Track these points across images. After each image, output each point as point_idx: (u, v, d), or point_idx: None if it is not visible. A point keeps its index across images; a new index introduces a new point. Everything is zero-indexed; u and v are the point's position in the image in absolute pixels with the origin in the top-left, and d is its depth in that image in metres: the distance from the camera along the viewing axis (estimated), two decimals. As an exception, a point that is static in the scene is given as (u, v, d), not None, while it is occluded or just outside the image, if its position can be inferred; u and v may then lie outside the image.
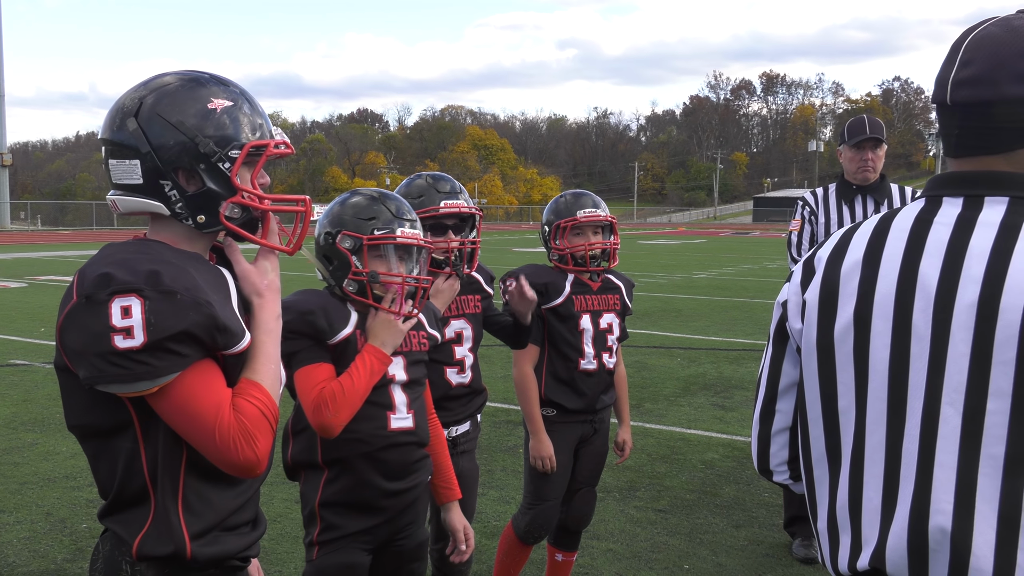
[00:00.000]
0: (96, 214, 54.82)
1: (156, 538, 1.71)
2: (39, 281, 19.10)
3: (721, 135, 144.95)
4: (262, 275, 1.82)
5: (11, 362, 9.73)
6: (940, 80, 1.51)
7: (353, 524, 2.63)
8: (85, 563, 4.48)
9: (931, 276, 1.44)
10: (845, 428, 1.52)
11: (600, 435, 3.78)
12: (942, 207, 1.50)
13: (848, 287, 1.51)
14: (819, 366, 1.55)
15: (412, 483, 2.71)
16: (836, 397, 1.53)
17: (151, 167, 1.72)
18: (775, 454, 1.70)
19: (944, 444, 1.40)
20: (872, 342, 1.47)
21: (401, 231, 2.61)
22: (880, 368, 1.47)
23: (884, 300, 1.47)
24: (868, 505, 1.49)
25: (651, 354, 10.39)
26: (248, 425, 1.66)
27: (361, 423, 2.55)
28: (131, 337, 1.58)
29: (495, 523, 5.04)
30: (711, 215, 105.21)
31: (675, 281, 20.54)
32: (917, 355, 1.44)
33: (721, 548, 4.72)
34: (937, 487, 1.41)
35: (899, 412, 1.45)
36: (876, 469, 1.48)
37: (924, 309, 1.43)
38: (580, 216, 3.62)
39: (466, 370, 3.32)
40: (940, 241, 1.45)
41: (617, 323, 3.75)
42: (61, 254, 28.55)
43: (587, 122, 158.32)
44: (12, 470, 5.97)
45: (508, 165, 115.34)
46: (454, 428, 3.32)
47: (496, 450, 6.48)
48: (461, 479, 3.39)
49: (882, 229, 1.53)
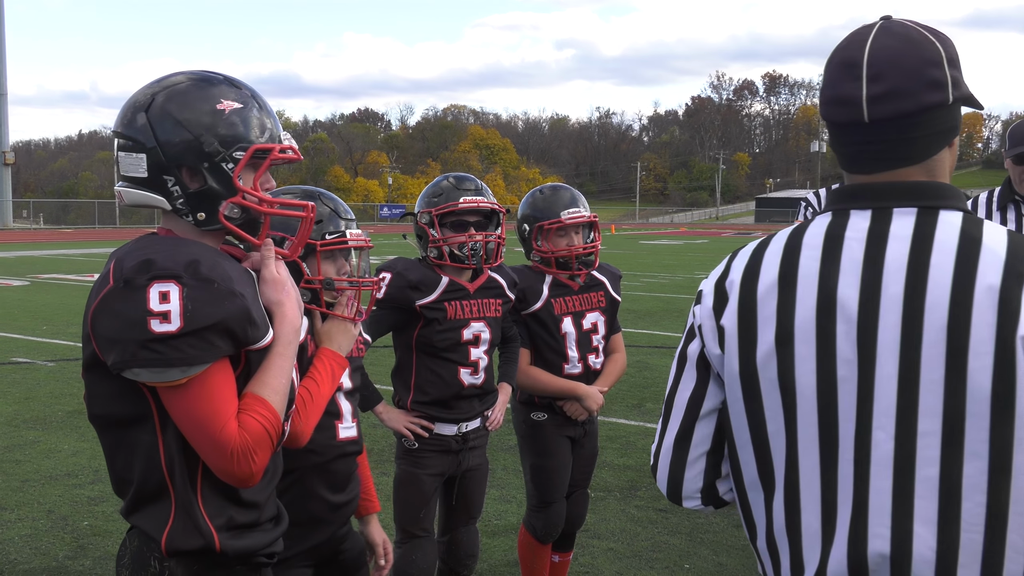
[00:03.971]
0: (98, 213, 54.86)
1: (183, 532, 1.73)
2: (41, 279, 19.12)
3: (723, 135, 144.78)
4: (282, 285, 1.84)
5: (13, 360, 9.74)
6: (844, 98, 1.46)
7: (297, 544, 2.48)
8: (86, 560, 4.49)
9: (850, 297, 1.41)
10: (776, 452, 1.49)
11: (590, 437, 3.76)
12: (850, 220, 1.47)
13: (765, 311, 1.48)
14: (743, 392, 1.51)
15: (352, 494, 2.66)
16: (764, 422, 1.50)
17: (156, 162, 1.75)
18: (690, 480, 1.62)
19: (877, 469, 1.39)
20: (797, 367, 1.44)
21: (350, 232, 2.53)
22: (807, 393, 1.44)
23: (805, 324, 1.44)
24: (807, 529, 1.47)
25: (652, 354, 10.39)
26: (250, 441, 1.69)
27: (313, 432, 2.45)
28: (168, 322, 1.61)
29: (496, 522, 5.04)
30: (713, 215, 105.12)
31: (677, 281, 20.53)
32: (844, 379, 1.41)
33: (722, 548, 4.72)
34: (873, 512, 1.39)
35: (830, 437, 1.43)
36: (812, 493, 1.45)
37: (847, 332, 1.41)
38: (565, 218, 3.52)
39: (479, 372, 3.32)
40: (854, 260, 1.43)
41: (603, 321, 3.68)
42: (63, 253, 28.58)
43: (589, 122, 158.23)
44: (14, 468, 5.98)
45: (510, 165, 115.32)
46: (464, 424, 3.33)
47: (497, 449, 6.48)
48: (472, 474, 3.41)
49: (793, 246, 1.49)
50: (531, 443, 3.67)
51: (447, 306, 3.22)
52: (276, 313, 1.81)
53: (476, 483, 3.44)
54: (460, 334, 3.25)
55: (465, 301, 3.27)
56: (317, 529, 2.56)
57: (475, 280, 3.32)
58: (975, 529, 1.35)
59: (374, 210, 75.13)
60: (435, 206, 3.25)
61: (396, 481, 3.34)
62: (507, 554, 4.60)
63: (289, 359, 1.80)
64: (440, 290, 3.21)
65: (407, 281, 3.20)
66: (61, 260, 25.13)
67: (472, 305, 3.28)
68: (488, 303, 3.34)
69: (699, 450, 1.61)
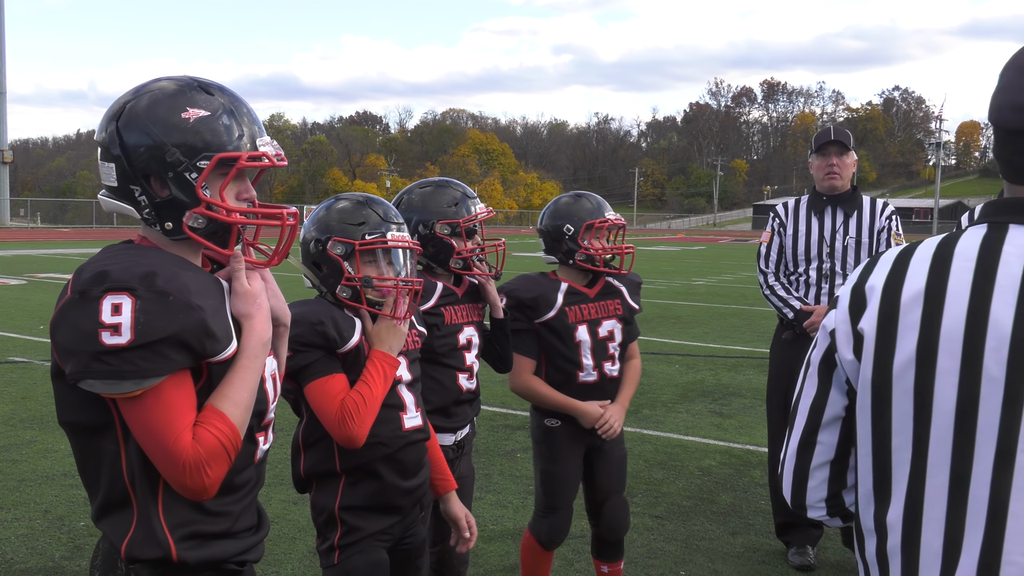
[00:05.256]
0: (96, 212, 54.89)
1: (141, 541, 1.73)
2: (38, 278, 19.11)
3: (721, 142, 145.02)
4: (252, 298, 1.82)
5: (10, 359, 9.74)
6: (1010, 104, 1.42)
7: (374, 524, 2.66)
8: (83, 561, 4.49)
9: (1004, 314, 1.35)
10: (898, 465, 1.45)
11: (614, 442, 3.70)
12: (1009, 234, 1.40)
13: (908, 319, 1.42)
14: (872, 400, 1.47)
15: (423, 479, 2.76)
16: (890, 434, 1.45)
17: (122, 171, 1.76)
18: (813, 489, 1.60)
19: (1019, 493, 1.33)
20: (937, 380, 1.39)
21: (391, 235, 2.61)
22: (946, 408, 1.38)
23: (951, 336, 1.38)
24: (927, 548, 1.41)
25: (650, 360, 10.40)
26: (203, 455, 1.67)
27: (378, 427, 2.56)
28: (118, 334, 1.60)
29: (492, 527, 5.05)
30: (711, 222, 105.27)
31: (674, 287, 20.56)
32: (988, 396, 1.35)
33: (717, 555, 4.73)
34: (1010, 538, 1.34)
35: (966, 455, 1.37)
36: (938, 512, 1.40)
37: (997, 349, 1.35)
38: (612, 217, 3.60)
39: (473, 377, 3.33)
40: (1013, 275, 1.37)
41: (620, 329, 3.67)
42: (61, 252, 28.56)
43: (588, 127, 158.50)
44: (10, 467, 5.98)
45: (508, 169, 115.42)
46: (460, 432, 3.34)
47: (494, 454, 6.49)
48: (462, 481, 3.41)
49: (943, 256, 1.43)
50: (543, 448, 3.67)
51: (444, 311, 3.23)
52: (245, 326, 1.79)
53: (466, 491, 3.45)
54: (456, 339, 3.26)
55: (457, 306, 3.28)
56: (391, 513, 2.69)
57: (459, 285, 3.33)
58: None
59: (372, 213, 74.99)
60: (453, 216, 3.23)
61: None
62: (503, 559, 4.61)
63: (255, 372, 1.78)
64: (437, 296, 3.22)
65: None
66: (58, 259, 25.10)
67: (462, 309, 3.29)
68: (475, 308, 3.35)
69: (822, 458, 1.58)
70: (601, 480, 3.72)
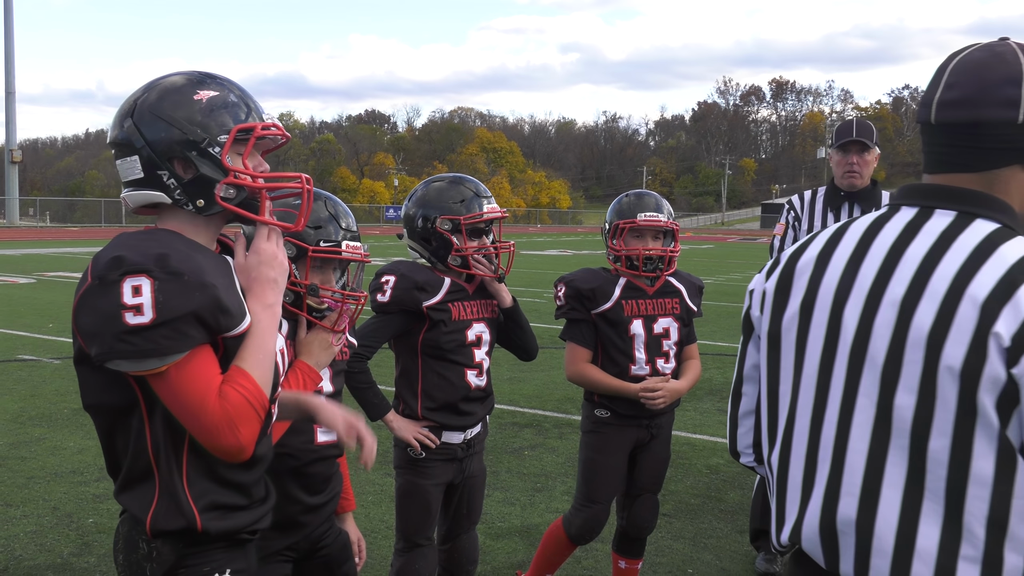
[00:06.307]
0: (104, 211, 54.99)
1: (166, 513, 1.80)
2: (47, 277, 19.17)
3: (730, 141, 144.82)
4: (249, 270, 1.90)
5: (19, 357, 9.77)
6: (925, 100, 1.58)
7: (274, 544, 2.54)
8: (91, 557, 4.50)
9: (868, 275, 1.53)
10: (782, 410, 1.64)
11: (660, 441, 3.71)
12: (897, 214, 1.58)
13: (800, 281, 1.63)
14: (768, 352, 1.68)
15: (330, 496, 2.67)
16: (779, 382, 1.65)
17: (148, 160, 1.83)
18: (741, 436, 1.82)
19: (857, 432, 1.50)
20: (811, 332, 1.59)
21: (347, 244, 2.54)
22: (813, 356, 1.58)
23: (826, 293, 1.58)
24: (791, 483, 1.61)
25: (657, 358, 10.38)
26: (231, 412, 1.74)
27: (290, 436, 2.47)
28: (141, 314, 1.67)
29: (500, 524, 5.04)
30: (719, 221, 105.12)
31: (682, 286, 20.49)
32: (843, 346, 1.54)
33: (725, 553, 4.72)
34: (848, 470, 1.51)
35: (822, 398, 1.56)
36: (800, 450, 1.59)
37: (855, 304, 1.53)
38: (640, 219, 3.56)
39: (483, 374, 3.33)
40: (884, 245, 1.54)
41: (676, 328, 3.66)
42: (69, 251, 28.65)
43: (596, 126, 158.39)
44: (19, 464, 6.00)
45: (516, 168, 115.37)
46: (470, 431, 3.33)
47: (501, 452, 6.48)
48: (473, 480, 3.40)
49: (840, 231, 1.63)
50: (590, 438, 3.68)
51: (451, 307, 3.22)
52: (247, 295, 1.85)
53: (477, 489, 3.44)
54: (465, 335, 3.25)
55: (467, 302, 3.27)
56: (294, 530, 2.58)
57: (471, 282, 3.32)
58: (936, 499, 1.43)
59: (380, 212, 75.19)
60: (456, 213, 3.22)
61: (399, 492, 3.31)
62: (510, 556, 4.61)
63: (264, 334, 1.83)
64: (444, 291, 3.20)
65: (413, 283, 3.18)
66: (67, 258, 25.19)
67: (472, 306, 3.28)
68: (486, 304, 3.34)
69: (746, 407, 1.80)
70: (640, 476, 3.73)
